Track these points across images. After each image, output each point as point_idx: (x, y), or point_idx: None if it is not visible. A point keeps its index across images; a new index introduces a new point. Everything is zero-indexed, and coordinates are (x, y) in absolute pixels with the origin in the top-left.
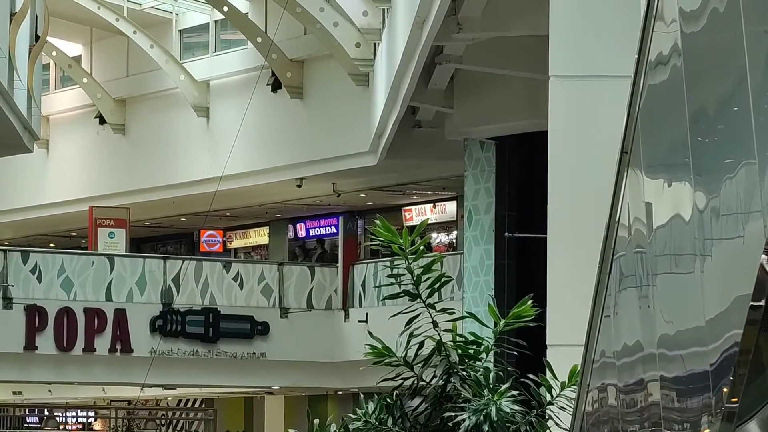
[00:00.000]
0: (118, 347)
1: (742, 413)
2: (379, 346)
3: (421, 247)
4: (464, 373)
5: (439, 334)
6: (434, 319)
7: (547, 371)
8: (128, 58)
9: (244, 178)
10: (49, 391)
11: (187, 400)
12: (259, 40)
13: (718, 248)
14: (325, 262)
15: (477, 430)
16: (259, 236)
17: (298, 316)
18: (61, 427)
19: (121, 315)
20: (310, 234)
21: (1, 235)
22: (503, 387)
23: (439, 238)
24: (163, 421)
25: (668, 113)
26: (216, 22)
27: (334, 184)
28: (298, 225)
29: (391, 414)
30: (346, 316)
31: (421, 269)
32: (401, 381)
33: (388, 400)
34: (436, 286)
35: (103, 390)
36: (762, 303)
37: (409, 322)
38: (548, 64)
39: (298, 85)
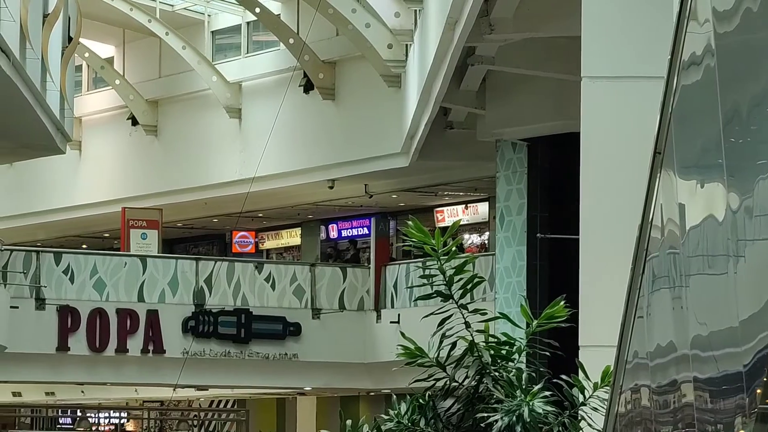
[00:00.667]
0: (151, 348)
1: None
2: (412, 346)
3: (454, 248)
4: (497, 373)
5: (471, 335)
6: (466, 319)
7: (580, 372)
8: (161, 59)
9: (276, 180)
10: (82, 392)
11: (219, 401)
12: (291, 41)
13: (751, 249)
14: (356, 263)
15: (509, 430)
16: (291, 237)
17: (330, 317)
18: (94, 427)
19: (153, 316)
20: (342, 235)
21: (35, 236)
22: (536, 388)
23: (471, 239)
24: (195, 422)
25: (701, 114)
26: (248, 23)
27: (366, 185)
28: (330, 226)
29: (423, 415)
30: (378, 317)
31: (454, 270)
32: (434, 382)
33: (420, 401)
34: (468, 287)
35: (136, 391)
36: None
37: (442, 322)
38: (580, 65)
39: (330, 86)
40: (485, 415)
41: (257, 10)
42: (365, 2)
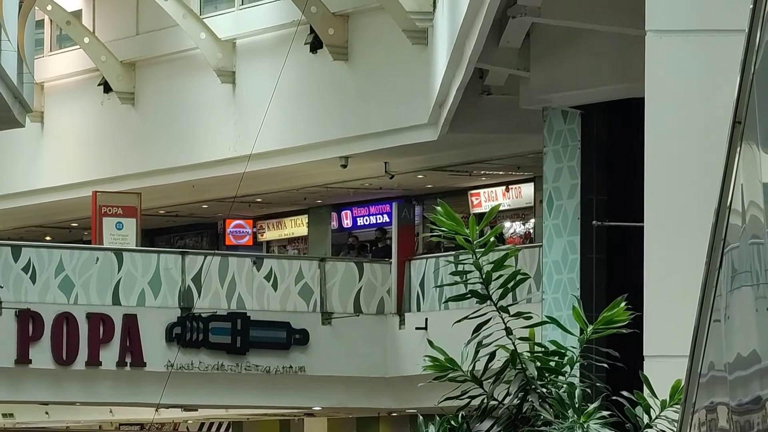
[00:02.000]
0: (128, 360)
1: None
2: (441, 357)
3: (492, 239)
4: (544, 390)
5: (513, 344)
6: (507, 325)
7: (645, 387)
8: (138, 12)
9: (278, 157)
10: (46, 413)
11: (211, 424)
12: None
13: None
14: (375, 258)
15: None
16: (297, 226)
17: (344, 323)
18: None
19: (131, 321)
20: (358, 224)
21: None
22: (591, 406)
23: (513, 227)
24: None
25: None
26: None
27: (386, 163)
28: (343, 213)
29: None
30: (402, 322)
31: (492, 265)
32: (468, 400)
33: (452, 422)
34: (509, 286)
35: (111, 412)
36: None
37: (477, 328)
38: (644, 16)
39: (342, 44)
40: None
41: None
42: None
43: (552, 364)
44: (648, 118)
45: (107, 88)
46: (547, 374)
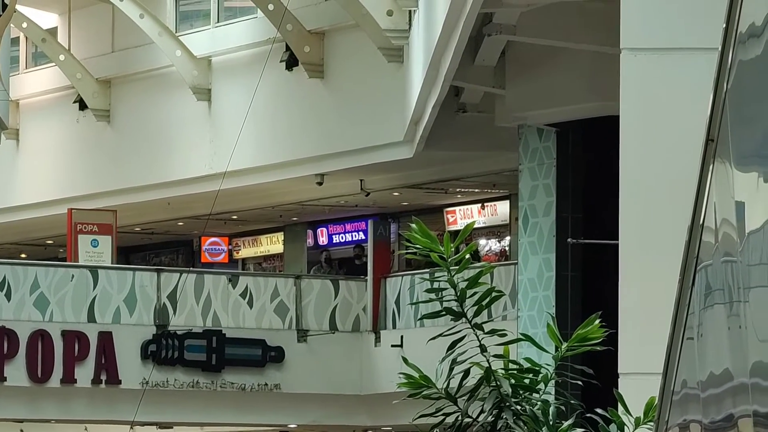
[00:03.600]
0: (103, 378)
1: None
2: (416, 375)
3: (467, 256)
4: (518, 407)
5: (487, 361)
6: (482, 342)
7: (619, 405)
8: (114, 30)
9: (254, 175)
10: (21, 430)
11: None
12: (270, 7)
13: None
14: (350, 275)
15: None
16: (272, 244)
17: (319, 340)
18: None
19: (106, 339)
20: (334, 241)
21: None
22: (566, 424)
23: (489, 245)
24: None
25: (763, 94)
26: None
27: (361, 180)
28: (318, 230)
29: None
30: (377, 339)
31: (467, 283)
32: (442, 417)
33: None
34: (484, 303)
35: (86, 429)
36: None
37: (452, 346)
38: (619, 34)
39: (318, 61)
40: None
41: None
42: None
43: (526, 381)
44: (623, 136)
45: (83, 106)
46: (521, 391)
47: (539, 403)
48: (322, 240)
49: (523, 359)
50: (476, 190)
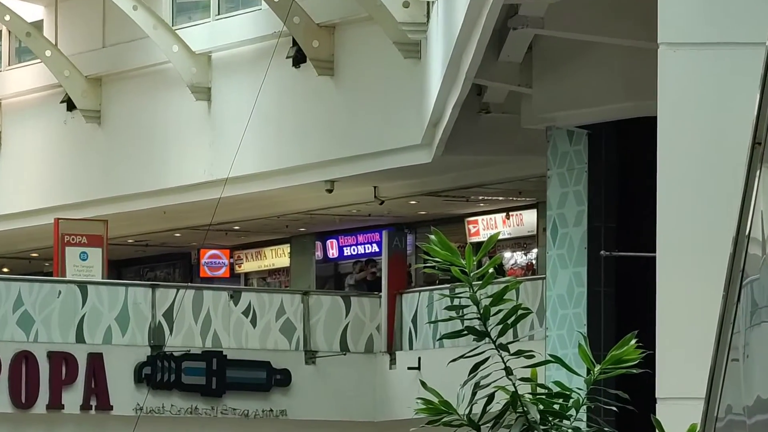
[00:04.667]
0: (93, 403)
1: None
2: (435, 400)
3: (491, 270)
4: None
5: (513, 385)
6: (507, 364)
7: None
8: (104, 23)
9: (257, 181)
10: None
11: None
12: None
13: None
14: (362, 291)
15: None
16: (278, 257)
17: (329, 362)
18: None
19: (96, 361)
20: (344, 254)
21: None
22: None
23: (514, 257)
24: None
25: None
26: None
27: (375, 188)
28: (328, 242)
29: None
30: (392, 361)
31: (490, 299)
32: None
33: None
34: (509, 322)
35: None
36: None
37: (475, 368)
38: (656, 27)
39: (328, 57)
40: None
41: None
42: None
43: (556, 407)
44: (661, 139)
45: (71, 106)
46: (550, 418)
47: (570, 430)
48: (332, 252)
49: (552, 383)
50: (500, 198)
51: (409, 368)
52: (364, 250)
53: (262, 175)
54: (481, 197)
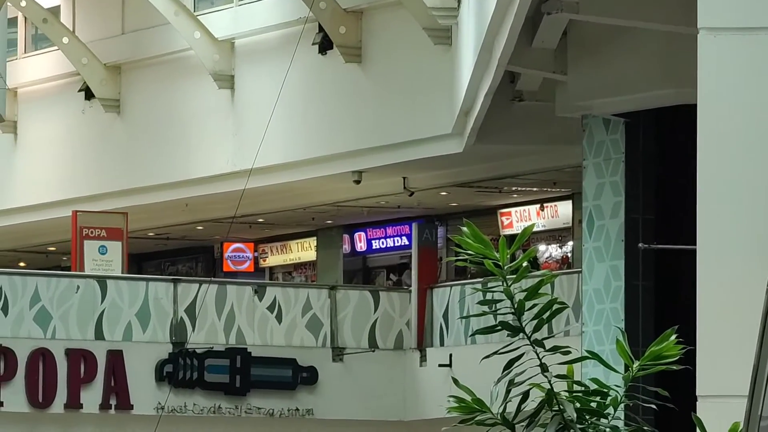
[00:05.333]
0: (113, 402)
1: None
2: (468, 398)
3: (525, 263)
4: None
5: (549, 382)
6: (543, 361)
7: (698, 431)
8: (124, 9)
9: (282, 172)
10: None
11: None
12: None
13: None
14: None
15: None
16: (304, 250)
17: (357, 359)
18: None
19: (116, 358)
20: (373, 247)
21: None
22: None
23: (549, 250)
24: None
25: None
26: None
27: (404, 178)
28: (356, 235)
29: None
30: (423, 358)
31: (525, 293)
32: None
33: None
34: (545, 317)
35: None
36: None
37: (509, 365)
38: (696, 12)
39: (355, 44)
40: None
41: None
42: None
43: (593, 405)
44: (700, 127)
45: (89, 95)
46: (587, 416)
47: (608, 429)
48: (360, 246)
49: (589, 380)
50: (534, 189)
51: (440, 365)
52: (393, 243)
53: (287, 166)
54: (514, 188)
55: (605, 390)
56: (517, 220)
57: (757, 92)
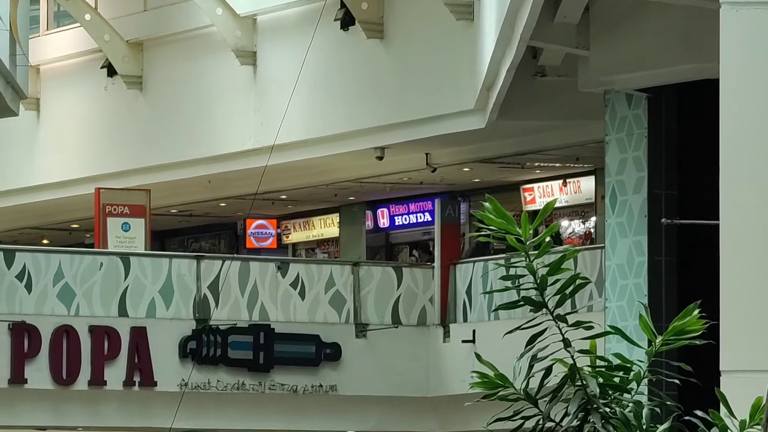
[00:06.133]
0: (137, 379)
1: None
2: (491, 373)
3: (547, 239)
4: (607, 409)
5: (572, 357)
6: (565, 336)
7: (721, 406)
8: None
9: (305, 149)
10: None
11: None
12: None
13: None
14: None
15: None
16: (326, 227)
17: (381, 335)
18: None
19: (139, 335)
20: (396, 223)
21: None
22: (661, 428)
23: (572, 226)
24: None
25: None
26: None
27: (427, 154)
28: (378, 211)
29: None
30: (446, 334)
31: (547, 269)
32: (521, 421)
33: None
34: (567, 292)
35: None
36: None
37: (531, 340)
38: None
39: (377, 20)
40: None
41: None
42: None
43: (616, 380)
44: (723, 102)
45: (111, 72)
46: (610, 392)
47: (631, 404)
48: (383, 222)
49: (612, 355)
50: (557, 165)
51: (463, 341)
52: (416, 219)
53: (309, 142)
54: (537, 164)
55: (628, 365)
56: (540, 195)
57: None
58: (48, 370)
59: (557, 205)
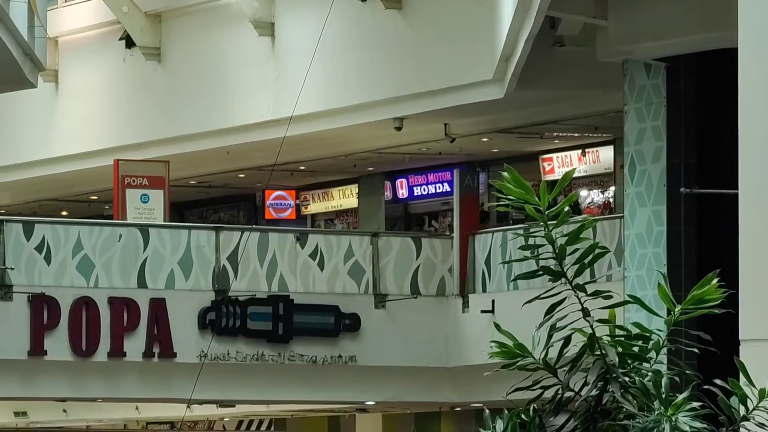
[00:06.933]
0: (156, 351)
1: None
2: (510, 343)
3: (566, 208)
4: (626, 378)
5: (591, 327)
6: (584, 305)
7: (741, 375)
8: None
9: (323, 119)
10: (64, 410)
11: (250, 422)
12: None
13: None
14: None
15: None
16: (345, 197)
17: (400, 306)
18: None
19: (159, 306)
20: (414, 193)
21: None
22: (680, 397)
23: (591, 196)
24: None
25: None
26: None
27: (445, 125)
28: (397, 181)
29: None
30: (465, 304)
31: (566, 238)
32: (540, 390)
33: (522, 417)
34: (586, 261)
35: (137, 409)
36: None
37: (550, 310)
38: None
39: None
40: None
41: None
42: None
43: (635, 349)
44: (741, 71)
45: (130, 43)
46: (629, 361)
47: (650, 373)
48: (402, 192)
49: (631, 324)
50: (576, 135)
51: (482, 311)
52: (435, 189)
53: (328, 113)
54: (555, 134)
55: (647, 334)
56: (559, 165)
57: None
58: (67, 341)
59: (576, 174)
